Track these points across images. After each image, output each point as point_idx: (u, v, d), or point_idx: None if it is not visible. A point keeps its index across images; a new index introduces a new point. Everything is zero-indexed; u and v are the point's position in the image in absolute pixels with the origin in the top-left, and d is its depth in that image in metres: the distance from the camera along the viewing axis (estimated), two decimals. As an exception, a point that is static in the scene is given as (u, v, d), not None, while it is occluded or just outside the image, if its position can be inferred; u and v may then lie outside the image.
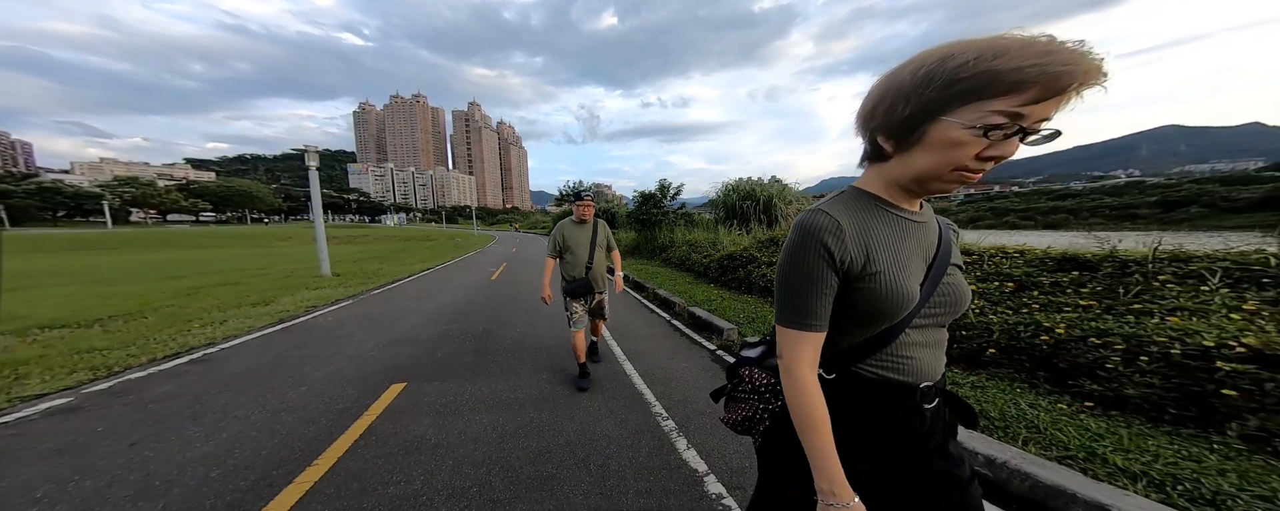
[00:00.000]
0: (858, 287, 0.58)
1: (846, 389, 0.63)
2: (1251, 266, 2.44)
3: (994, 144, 0.49)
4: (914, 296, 0.59)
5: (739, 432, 0.72)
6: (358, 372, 2.90)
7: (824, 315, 0.59)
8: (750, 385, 0.70)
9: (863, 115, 0.59)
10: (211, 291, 6.56)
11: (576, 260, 2.63)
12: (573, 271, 2.64)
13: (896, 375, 0.62)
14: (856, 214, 0.60)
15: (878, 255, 0.58)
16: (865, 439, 0.62)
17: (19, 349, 3.33)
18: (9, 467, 1.74)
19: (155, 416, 2.22)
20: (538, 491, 1.58)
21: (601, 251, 2.74)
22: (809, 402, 0.58)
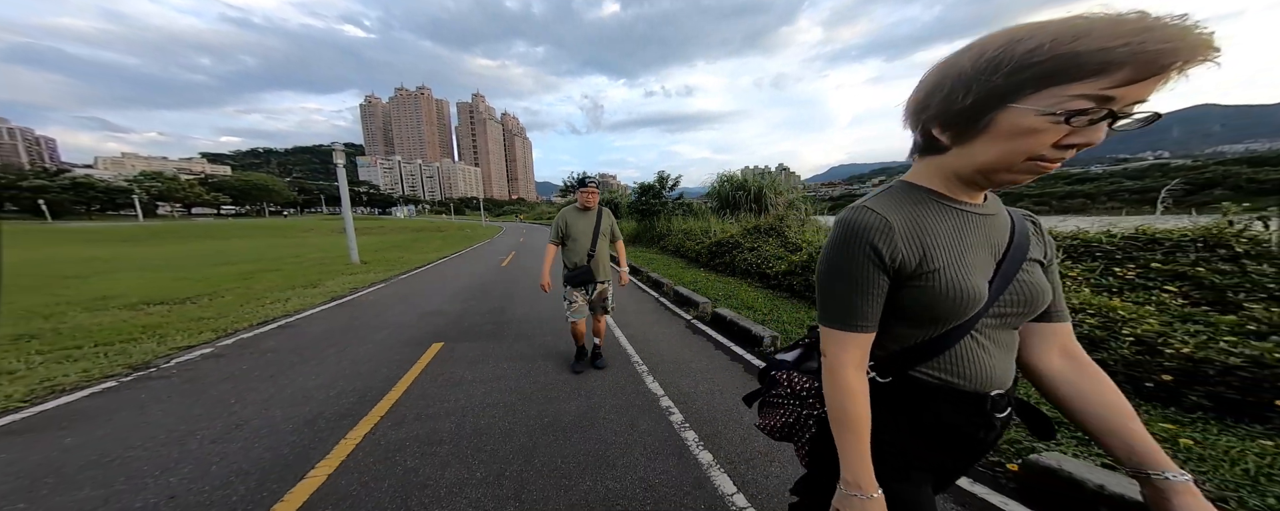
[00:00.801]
0: (913, 287, 0.54)
1: (903, 394, 0.58)
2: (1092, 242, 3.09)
3: (1077, 130, 0.43)
4: (980, 295, 0.54)
5: (778, 439, 0.68)
6: (405, 335, 3.75)
7: (872, 315, 0.55)
8: (789, 389, 0.67)
9: (914, 106, 0.54)
10: (262, 276, 7.55)
11: (578, 247, 2.60)
12: (574, 259, 2.62)
13: (961, 381, 0.57)
14: (908, 209, 0.55)
15: (935, 252, 0.54)
16: (923, 447, 0.58)
17: (141, 319, 4.27)
18: (202, 388, 2.62)
19: (275, 361, 3.11)
20: (543, 406, 2.38)
21: (604, 240, 2.69)
22: (849, 402, 0.55)
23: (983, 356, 0.57)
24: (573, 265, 2.64)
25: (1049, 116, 0.43)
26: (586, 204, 2.63)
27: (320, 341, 3.61)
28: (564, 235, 2.65)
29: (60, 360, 3.01)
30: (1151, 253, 2.94)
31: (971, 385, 0.57)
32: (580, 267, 2.61)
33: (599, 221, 2.66)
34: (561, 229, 2.64)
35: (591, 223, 2.64)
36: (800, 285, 5.36)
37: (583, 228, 2.62)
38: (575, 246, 2.63)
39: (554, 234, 2.68)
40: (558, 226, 2.65)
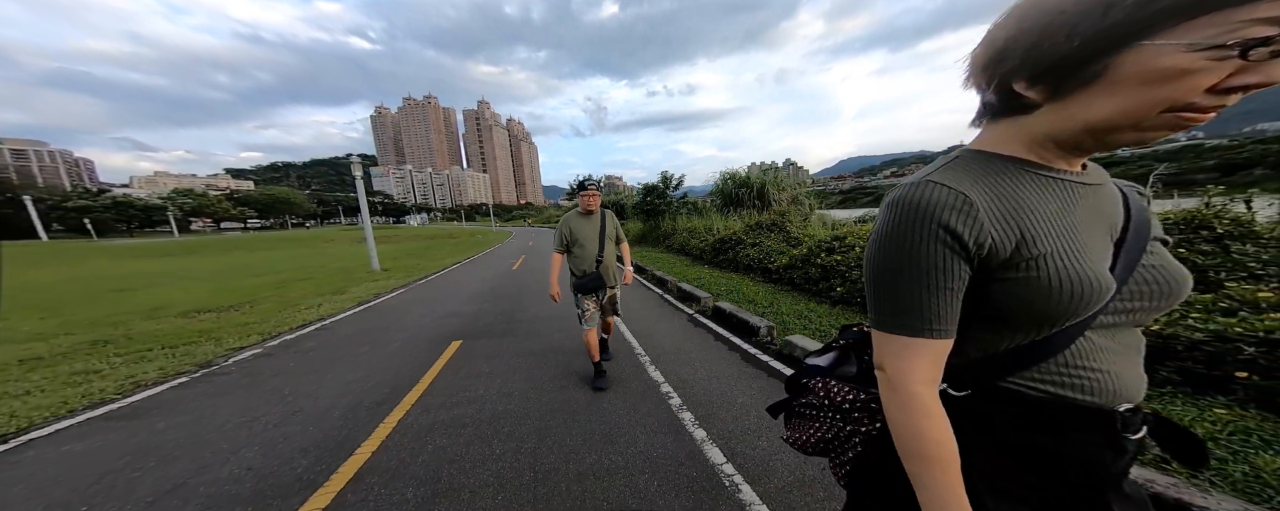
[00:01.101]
0: (1009, 279, 0.42)
1: (992, 412, 0.46)
2: None
3: (1253, 67, 0.32)
4: (1107, 284, 0.42)
5: (810, 454, 0.59)
6: (427, 335, 4.09)
7: (949, 317, 0.44)
8: (828, 401, 0.57)
9: (986, 59, 0.43)
10: (294, 285, 8.09)
11: (585, 254, 2.53)
12: (582, 266, 2.54)
13: (1080, 394, 0.44)
14: (991, 181, 0.44)
15: (1038, 233, 0.42)
16: (1022, 482, 0.45)
17: (195, 325, 4.74)
18: (259, 382, 2.98)
19: (316, 359, 3.47)
20: (554, 393, 2.64)
21: (611, 244, 2.62)
22: (928, 429, 0.43)
23: (1107, 361, 0.45)
24: (581, 272, 2.56)
25: (1210, 51, 0.33)
26: (588, 208, 2.56)
27: (353, 341, 3.98)
28: (569, 241, 2.57)
29: (136, 360, 3.44)
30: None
31: (1094, 398, 0.45)
32: (589, 274, 2.53)
33: (604, 225, 2.59)
34: (566, 236, 2.56)
35: (596, 227, 2.57)
36: (800, 278, 5.50)
37: (588, 233, 2.55)
38: (582, 253, 2.55)
39: (558, 242, 2.60)
40: (562, 234, 2.57)
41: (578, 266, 2.58)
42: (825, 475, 1.71)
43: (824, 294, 4.87)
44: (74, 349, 3.84)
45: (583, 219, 2.59)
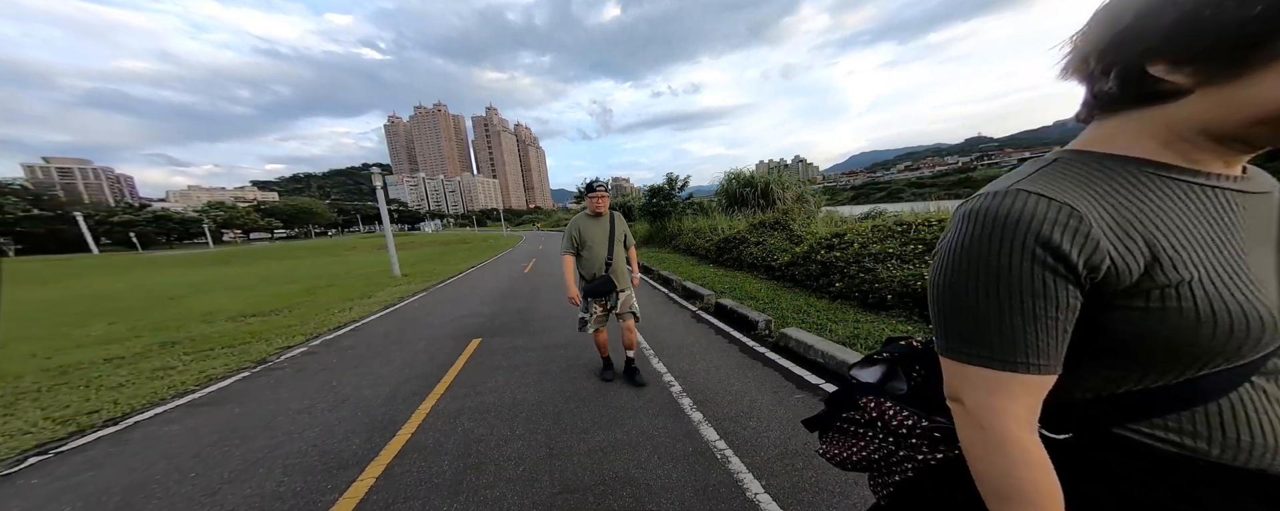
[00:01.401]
0: (1136, 309, 0.34)
1: (1109, 458, 0.38)
2: None
3: None
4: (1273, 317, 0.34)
5: (848, 470, 0.53)
6: (449, 334, 4.45)
7: (1052, 351, 0.36)
8: (880, 422, 0.50)
9: (1108, 39, 0.34)
10: (324, 291, 8.67)
11: (594, 257, 2.52)
12: (591, 269, 2.54)
13: (1233, 454, 0.35)
14: (1109, 188, 0.36)
15: (1179, 252, 0.34)
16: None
17: (245, 327, 5.25)
18: (309, 375, 3.38)
19: (355, 355, 3.87)
20: (565, 383, 2.92)
21: (620, 246, 2.61)
22: (1032, 479, 0.35)
23: (1268, 415, 0.36)
24: (591, 276, 2.55)
25: None
26: (597, 210, 2.52)
27: (385, 340, 4.38)
28: (578, 244, 2.56)
29: (203, 358, 3.91)
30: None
31: (1256, 460, 0.36)
32: (599, 278, 2.52)
33: (613, 227, 2.57)
34: (575, 238, 2.55)
35: (605, 229, 2.56)
36: (802, 274, 5.67)
37: (597, 235, 2.53)
38: (591, 256, 2.53)
39: (567, 244, 2.59)
40: (571, 236, 2.57)
41: (587, 269, 2.57)
42: (807, 448, 1.94)
43: (824, 289, 5.04)
44: (147, 349, 4.35)
45: (592, 221, 2.57)
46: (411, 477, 1.87)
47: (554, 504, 1.63)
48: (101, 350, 4.43)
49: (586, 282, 2.59)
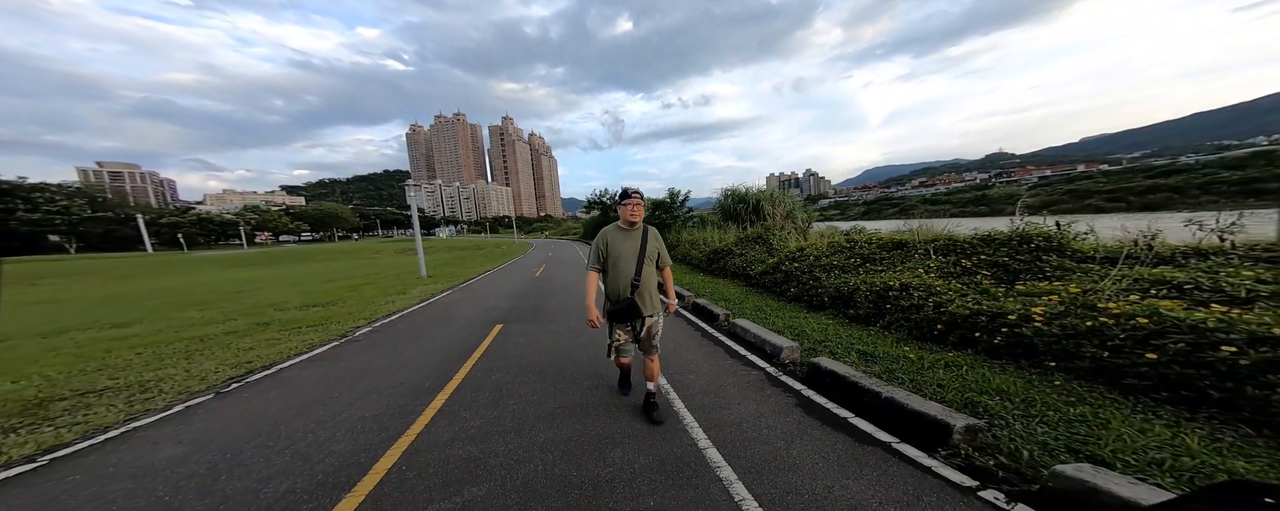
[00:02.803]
0: None
1: None
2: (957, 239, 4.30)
3: None
4: None
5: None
6: (477, 321, 5.60)
7: None
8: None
9: None
10: (365, 288, 10.01)
11: (620, 275, 2.20)
12: (616, 289, 2.21)
13: None
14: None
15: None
16: None
17: (312, 315, 6.52)
18: (379, 345, 4.56)
19: (408, 333, 5.05)
20: (566, 353, 4.00)
21: (651, 265, 2.27)
22: None
23: None
24: (615, 297, 2.22)
25: None
26: (630, 220, 2.21)
27: (427, 324, 5.57)
28: (603, 259, 2.24)
29: (297, 333, 5.15)
30: (992, 247, 4.07)
31: None
32: (623, 300, 2.19)
33: (645, 243, 2.24)
34: (602, 251, 2.24)
35: (636, 244, 2.22)
36: (770, 281, 6.67)
37: (626, 250, 2.20)
38: (617, 274, 2.21)
39: (594, 258, 2.27)
40: (597, 249, 2.26)
41: (611, 289, 2.24)
42: (739, 400, 2.96)
43: (783, 293, 6.04)
44: (249, 328, 5.63)
45: (622, 234, 2.24)
46: (466, 399, 2.97)
47: (555, 414, 2.69)
48: (214, 328, 5.74)
49: (610, 303, 2.25)
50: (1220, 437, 1.76)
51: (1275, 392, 1.74)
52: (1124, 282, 2.82)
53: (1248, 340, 1.89)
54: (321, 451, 2.27)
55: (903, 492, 1.71)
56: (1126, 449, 1.69)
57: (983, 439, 1.90)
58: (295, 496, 1.87)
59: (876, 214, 72.78)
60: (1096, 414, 2.00)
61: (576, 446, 2.21)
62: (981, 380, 2.51)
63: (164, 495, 1.92)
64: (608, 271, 2.30)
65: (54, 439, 2.48)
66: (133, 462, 2.24)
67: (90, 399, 3.11)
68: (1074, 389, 2.30)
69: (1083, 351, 2.41)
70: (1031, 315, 2.79)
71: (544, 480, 1.92)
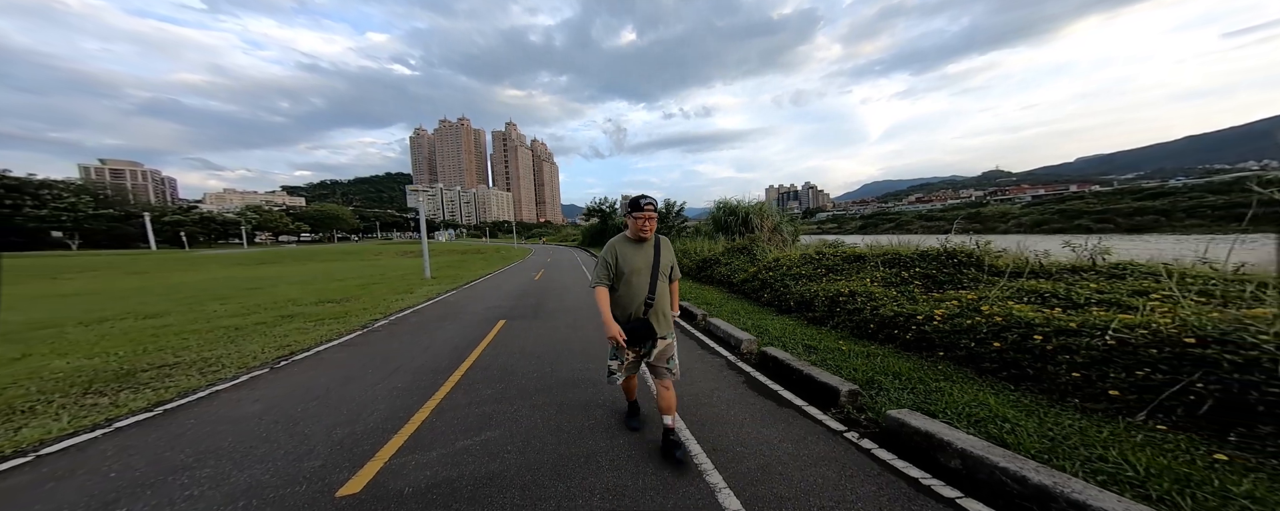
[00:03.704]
0: None
1: None
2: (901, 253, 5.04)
3: None
4: None
5: None
6: (482, 317, 6.26)
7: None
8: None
9: None
10: (374, 287, 10.65)
11: (633, 292, 2.03)
12: (628, 308, 2.05)
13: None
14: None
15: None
16: None
17: (329, 309, 7.15)
18: (398, 335, 5.21)
19: (422, 326, 5.71)
20: (563, 344, 4.66)
21: (665, 281, 2.12)
22: None
23: None
24: (625, 317, 2.05)
25: None
26: (641, 233, 2.04)
27: (438, 318, 6.22)
28: (614, 273, 2.06)
29: (321, 325, 5.78)
30: (926, 262, 4.80)
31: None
32: (635, 320, 2.04)
33: (659, 255, 2.08)
34: (611, 266, 2.05)
35: (649, 258, 2.06)
36: (750, 289, 7.37)
37: (639, 264, 2.04)
38: (628, 291, 2.04)
39: (602, 273, 2.08)
40: (606, 263, 2.07)
41: (622, 308, 2.06)
42: (702, 372, 3.63)
43: (759, 299, 6.74)
44: (276, 320, 6.27)
45: (633, 246, 2.08)
46: (478, 376, 3.63)
47: (551, 387, 3.34)
48: (243, 319, 6.37)
49: (621, 325, 2.05)
50: (1017, 399, 2.45)
51: (1058, 368, 2.47)
52: (1007, 291, 3.54)
53: (1053, 332, 2.60)
54: (368, 409, 2.92)
55: (797, 435, 2.38)
56: (950, 405, 2.38)
57: (861, 401, 2.58)
58: (356, 436, 2.51)
59: (873, 228, 73.80)
60: (950, 386, 2.68)
61: (567, 408, 2.86)
62: (886, 365, 3.19)
63: (262, 433, 2.57)
64: (618, 288, 2.05)
65: (157, 397, 3.12)
66: (227, 413, 2.89)
67: (168, 371, 3.75)
68: (947, 371, 2.99)
69: (960, 343, 3.11)
70: (934, 316, 3.50)
71: (541, 428, 2.58)
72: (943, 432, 1.95)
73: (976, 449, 1.80)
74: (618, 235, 2.17)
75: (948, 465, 1.87)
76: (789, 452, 2.18)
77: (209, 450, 2.35)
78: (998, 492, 1.67)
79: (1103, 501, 1.40)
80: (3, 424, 2.66)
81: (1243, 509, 1.43)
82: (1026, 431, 2.03)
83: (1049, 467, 1.66)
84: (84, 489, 2.00)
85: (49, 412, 2.83)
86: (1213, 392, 1.91)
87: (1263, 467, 1.64)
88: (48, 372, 3.68)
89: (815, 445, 2.26)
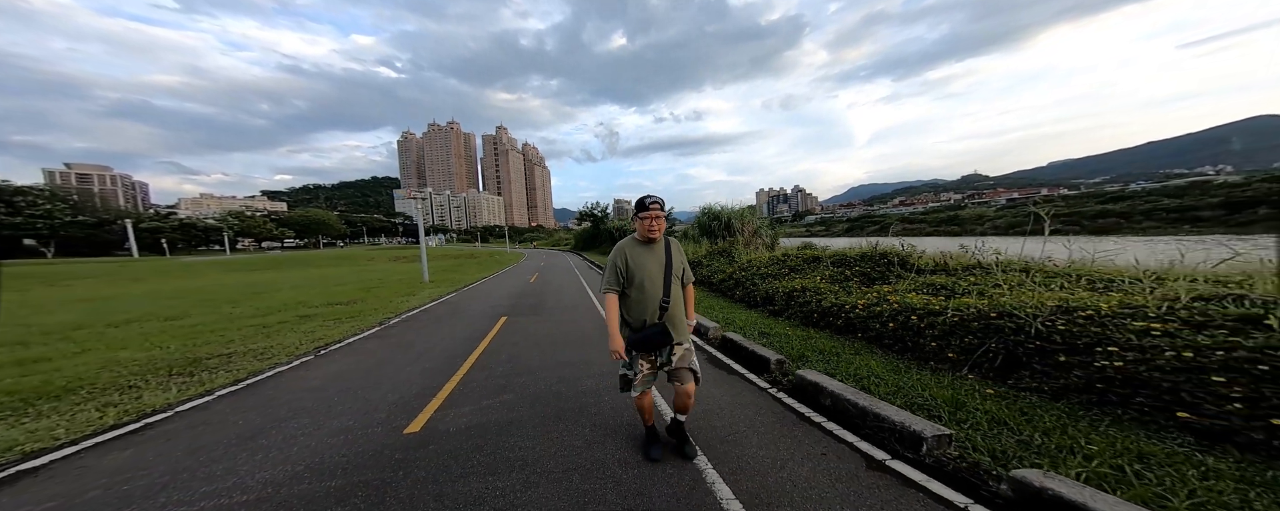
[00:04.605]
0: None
1: None
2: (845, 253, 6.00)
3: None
4: None
5: None
6: (485, 314, 7.01)
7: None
8: None
9: None
10: (377, 290, 11.22)
11: (646, 298, 1.93)
12: (641, 314, 1.94)
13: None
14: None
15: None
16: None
17: (341, 310, 7.79)
18: (416, 329, 5.94)
19: (432, 322, 6.45)
20: (562, 335, 5.46)
21: (678, 284, 2.02)
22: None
23: None
24: (639, 323, 1.98)
25: None
26: (648, 235, 1.97)
27: (445, 316, 6.96)
28: (624, 279, 1.98)
29: (341, 323, 6.46)
30: (864, 262, 5.78)
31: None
32: (649, 326, 1.95)
33: (670, 258, 2.02)
34: (620, 271, 1.98)
35: (660, 261, 2.00)
36: (725, 287, 8.29)
37: (651, 268, 1.97)
38: (641, 297, 1.96)
39: (612, 278, 2.00)
40: (614, 267, 1.99)
41: (634, 314, 2.00)
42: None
43: (732, 296, 7.66)
44: (298, 319, 6.90)
45: (643, 249, 2.02)
46: (490, 359, 4.41)
47: (552, 365, 4.14)
48: (264, 319, 6.98)
49: (632, 331, 2.00)
50: (894, 364, 3.34)
51: (925, 340, 3.40)
52: (914, 285, 4.49)
53: (924, 314, 3.53)
54: (407, 382, 3.68)
55: (736, 391, 3.26)
56: (847, 369, 3.26)
57: (786, 367, 3.47)
58: (405, 399, 3.28)
59: (859, 230, 75.84)
60: (855, 357, 3.58)
61: (566, 380, 3.67)
62: (817, 344, 4.09)
63: (332, 398, 3.32)
64: (629, 294, 1.97)
65: (234, 377, 3.82)
66: (298, 386, 3.63)
67: (228, 359, 4.43)
68: (857, 346, 3.91)
69: (871, 326, 4.04)
70: (857, 305, 4.43)
71: (545, 392, 3.38)
72: (825, 383, 2.84)
73: (840, 392, 2.68)
74: (625, 238, 2.10)
75: (824, 403, 2.76)
76: (728, 402, 3.04)
77: (299, 408, 3.11)
78: (845, 416, 2.56)
79: (897, 415, 2.28)
80: (122, 395, 3.35)
81: (985, 413, 2.35)
82: (886, 383, 2.93)
83: (877, 399, 2.55)
84: (225, 430, 2.75)
85: (154, 387, 3.52)
86: (1001, 351, 2.84)
87: (1010, 396, 2.57)
88: (118, 363, 4.32)
89: (746, 397, 3.13)
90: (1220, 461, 1.77)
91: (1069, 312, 2.71)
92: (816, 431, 2.50)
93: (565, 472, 2.10)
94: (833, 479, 1.98)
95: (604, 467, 2.13)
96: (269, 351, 4.69)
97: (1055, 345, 2.61)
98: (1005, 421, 2.25)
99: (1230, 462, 1.76)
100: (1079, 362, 2.45)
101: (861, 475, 2.01)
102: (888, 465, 2.08)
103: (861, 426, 2.42)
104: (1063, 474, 1.69)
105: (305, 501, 1.93)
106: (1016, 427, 2.17)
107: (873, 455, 2.18)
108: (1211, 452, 1.84)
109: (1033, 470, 1.69)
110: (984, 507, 1.70)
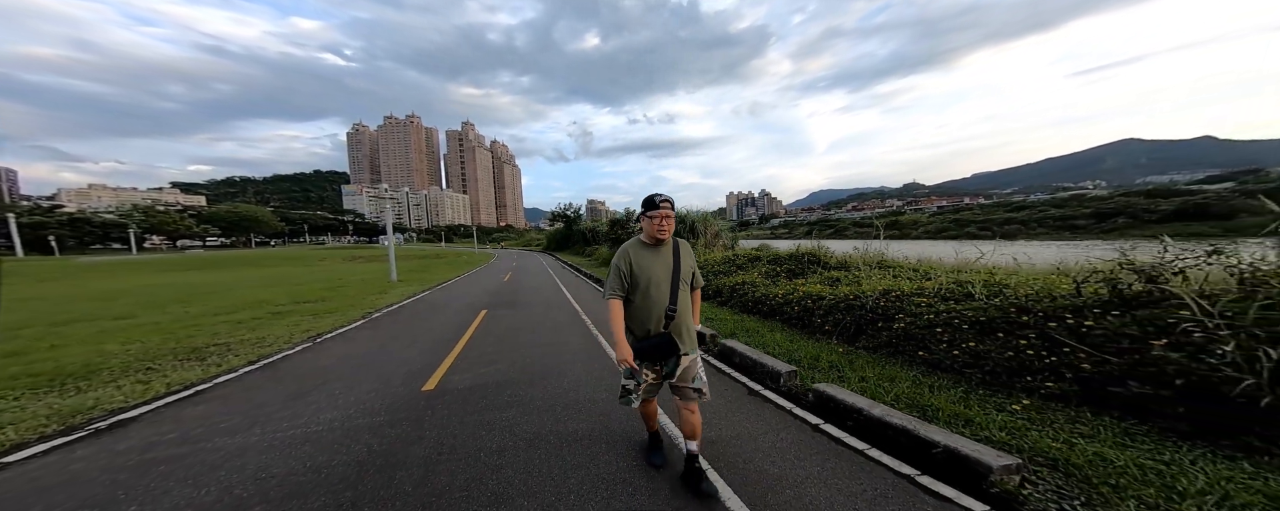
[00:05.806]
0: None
1: None
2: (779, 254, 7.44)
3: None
4: None
5: None
6: (466, 308, 7.63)
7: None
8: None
9: None
10: (343, 289, 11.15)
11: (653, 304, 1.79)
12: (645, 322, 1.81)
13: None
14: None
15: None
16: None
17: (313, 307, 7.97)
18: (398, 322, 6.47)
19: (413, 317, 6.99)
20: (538, 322, 6.29)
21: (686, 289, 1.89)
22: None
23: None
24: (644, 332, 1.84)
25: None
26: (657, 235, 1.81)
27: (428, 310, 7.50)
28: (630, 284, 1.83)
29: (322, 317, 6.78)
30: (792, 260, 7.24)
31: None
32: (656, 336, 1.81)
33: (679, 261, 1.87)
34: (625, 275, 1.82)
35: (668, 263, 1.85)
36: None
37: (657, 272, 1.82)
38: (647, 303, 1.81)
39: (615, 283, 1.83)
40: (619, 271, 1.83)
41: (640, 323, 1.85)
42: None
43: (687, 292, 8.90)
44: (270, 315, 7.06)
45: (649, 251, 1.86)
46: (478, 341, 5.17)
47: (533, 344, 5.00)
48: (231, 317, 7.03)
49: (636, 339, 1.87)
50: (793, 336, 4.67)
51: (814, 319, 4.81)
52: (820, 278, 5.93)
53: (814, 298, 4.95)
54: (410, 360, 4.38)
55: (679, 356, 4.39)
56: (760, 339, 4.54)
57: (717, 340, 4.67)
58: (415, 370, 4.00)
59: (818, 232, 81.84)
60: (770, 333, 4.85)
61: (548, 354, 4.55)
62: (745, 325, 5.34)
63: (351, 371, 3.96)
64: (634, 300, 1.86)
65: (247, 359, 4.28)
66: (314, 364, 4.20)
67: (226, 347, 4.79)
68: (773, 325, 5.23)
69: (785, 310, 5.39)
70: (777, 295, 5.77)
71: (530, 361, 4.26)
72: (738, 348, 4.03)
73: (747, 352, 3.87)
74: (631, 240, 1.94)
75: (735, 361, 3.95)
76: (671, 364, 4.15)
77: (326, 379, 3.74)
78: (745, 367, 3.75)
79: (772, 363, 3.49)
80: (149, 374, 3.73)
81: (828, 362, 3.64)
82: (781, 347, 4.18)
83: (764, 354, 3.77)
84: (275, 392, 3.36)
85: (173, 369, 3.92)
86: (852, 323, 4.22)
87: (851, 352, 3.89)
88: (111, 353, 4.54)
89: (685, 359, 4.25)
90: (927, 378, 3.04)
91: (887, 294, 4.13)
92: (727, 378, 3.65)
93: (550, 407, 3.05)
94: (727, 400, 3.13)
95: (582, 403, 3.10)
96: (264, 341, 5.09)
97: (878, 316, 4.00)
98: (838, 365, 3.55)
99: (936, 379, 3.02)
100: (886, 327, 3.84)
101: (744, 398, 3.18)
102: (759, 392, 3.26)
103: (752, 371, 3.62)
104: (843, 387, 2.96)
105: (367, 429, 2.71)
106: (840, 368, 3.47)
107: (752, 386, 3.36)
108: (932, 375, 3.10)
109: (827, 384, 2.94)
110: (802, 409, 2.90)
